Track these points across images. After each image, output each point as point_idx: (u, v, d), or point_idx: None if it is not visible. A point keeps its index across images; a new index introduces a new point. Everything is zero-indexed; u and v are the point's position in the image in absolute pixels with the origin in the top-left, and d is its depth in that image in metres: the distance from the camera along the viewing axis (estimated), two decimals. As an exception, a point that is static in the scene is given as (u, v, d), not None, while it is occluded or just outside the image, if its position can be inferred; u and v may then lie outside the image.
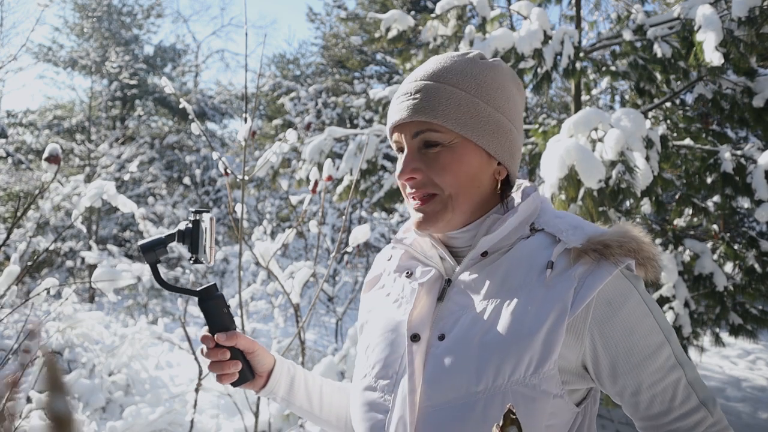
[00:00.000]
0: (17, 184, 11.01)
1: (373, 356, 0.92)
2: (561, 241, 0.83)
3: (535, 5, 3.61)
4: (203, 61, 21.74)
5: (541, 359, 0.78)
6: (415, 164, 0.87)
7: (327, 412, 1.06)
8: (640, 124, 2.70)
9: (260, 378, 1.00)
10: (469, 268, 0.89)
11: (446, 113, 0.85)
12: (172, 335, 4.30)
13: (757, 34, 2.83)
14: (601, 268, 0.79)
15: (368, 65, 16.66)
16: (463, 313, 0.85)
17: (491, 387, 0.78)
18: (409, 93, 0.88)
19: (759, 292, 3.52)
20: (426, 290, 0.90)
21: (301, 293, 3.41)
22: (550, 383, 0.78)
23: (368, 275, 1.09)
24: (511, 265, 0.85)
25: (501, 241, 0.88)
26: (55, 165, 1.70)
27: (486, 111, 0.87)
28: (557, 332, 0.78)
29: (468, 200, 0.89)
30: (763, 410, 4.68)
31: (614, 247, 0.81)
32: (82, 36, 15.51)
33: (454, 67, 0.88)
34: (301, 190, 8.18)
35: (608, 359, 0.80)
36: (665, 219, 4.00)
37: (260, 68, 2.06)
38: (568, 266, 0.81)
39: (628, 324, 0.80)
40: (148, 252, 0.94)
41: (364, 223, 8.65)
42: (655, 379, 0.80)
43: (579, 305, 0.78)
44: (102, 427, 3.33)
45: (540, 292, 0.81)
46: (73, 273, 9.94)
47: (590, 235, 0.83)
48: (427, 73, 0.89)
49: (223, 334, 0.95)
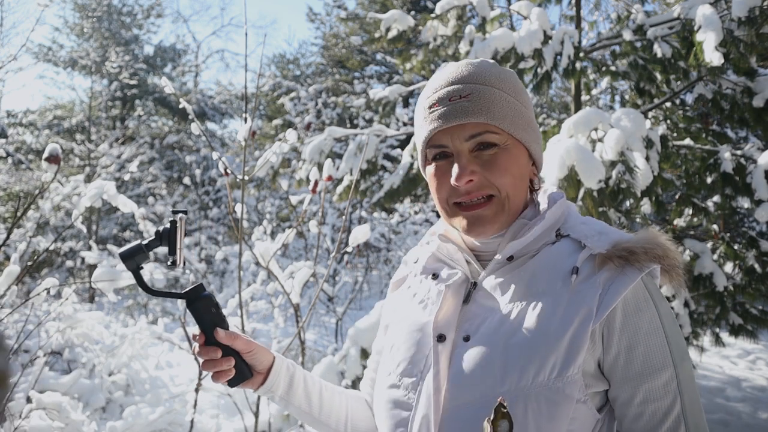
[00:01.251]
0: (17, 184, 11.01)
1: (398, 355, 0.93)
2: (586, 247, 0.84)
3: (535, 5, 3.61)
4: (203, 61, 21.74)
5: (566, 363, 0.78)
6: (472, 167, 0.86)
7: (326, 414, 1.05)
8: (640, 124, 2.70)
9: (259, 375, 0.99)
10: (494, 272, 0.90)
11: (501, 115, 0.87)
12: (172, 335, 4.30)
13: (757, 34, 2.83)
14: (625, 274, 0.80)
15: (368, 65, 16.67)
16: (488, 315, 0.86)
17: (515, 388, 0.79)
18: (457, 96, 0.87)
19: (759, 292, 3.52)
20: (452, 292, 0.91)
21: (301, 293, 3.41)
22: (573, 387, 0.78)
23: (395, 276, 1.10)
24: (537, 270, 0.86)
25: (527, 246, 0.89)
26: (55, 165, 1.70)
27: (526, 113, 0.91)
28: (582, 337, 0.78)
29: (520, 201, 0.91)
30: (763, 410, 4.68)
31: (639, 253, 0.81)
32: (82, 36, 15.51)
33: (492, 71, 0.90)
34: (301, 190, 8.18)
35: (608, 362, 0.81)
36: (665, 219, 4.00)
37: (260, 68, 2.06)
38: (593, 272, 0.82)
39: (633, 335, 0.80)
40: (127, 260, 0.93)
41: (364, 223, 8.65)
42: (648, 397, 0.80)
43: (604, 311, 0.78)
44: (102, 427, 3.33)
45: (565, 297, 0.81)
46: (73, 273, 9.94)
47: (615, 241, 0.84)
48: (469, 77, 0.88)
49: (222, 332, 0.94)
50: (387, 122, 6.58)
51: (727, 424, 4.35)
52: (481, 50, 3.41)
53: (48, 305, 5.07)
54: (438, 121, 0.87)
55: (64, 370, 4.25)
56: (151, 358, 4.60)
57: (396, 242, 9.46)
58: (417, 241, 9.55)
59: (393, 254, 9.57)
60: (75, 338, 3.90)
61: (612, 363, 0.81)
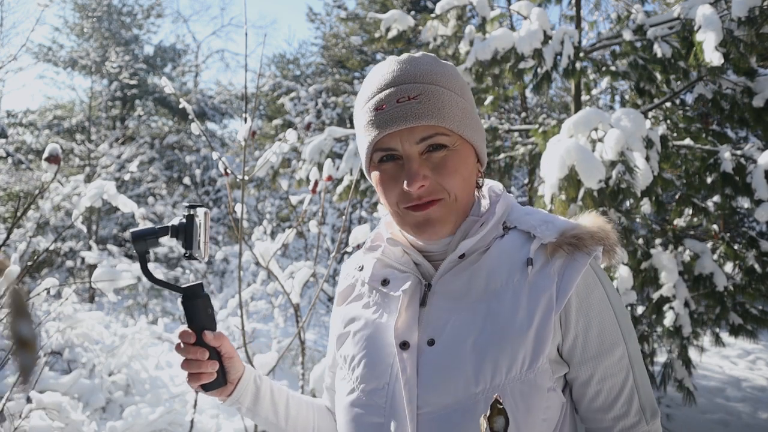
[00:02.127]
0: (17, 184, 11.01)
1: (359, 369, 0.90)
2: (536, 238, 0.86)
3: (535, 5, 3.61)
4: (203, 61, 21.75)
5: (534, 355, 0.80)
6: (424, 170, 0.84)
7: (292, 426, 1.04)
8: (640, 124, 2.70)
9: (230, 385, 0.97)
10: (448, 272, 0.89)
11: (451, 116, 0.85)
12: (172, 335, 4.30)
13: (757, 34, 2.83)
14: (576, 260, 0.83)
15: (368, 65, 16.66)
16: (450, 316, 0.85)
17: (490, 386, 0.79)
18: (405, 96, 0.83)
19: (759, 292, 3.52)
20: (408, 297, 0.89)
21: (301, 293, 3.41)
22: (544, 377, 0.80)
23: (339, 286, 1.06)
24: (492, 265, 0.86)
25: (478, 243, 0.88)
26: (55, 165, 1.70)
27: (471, 111, 0.90)
28: (547, 327, 0.80)
29: (468, 201, 0.90)
30: (763, 410, 4.67)
31: (586, 238, 0.84)
32: (82, 36, 15.51)
33: (437, 68, 0.88)
34: (301, 190, 8.18)
35: (567, 346, 0.83)
36: (665, 219, 4.00)
37: (260, 68, 2.06)
38: (546, 261, 0.84)
39: (588, 317, 0.83)
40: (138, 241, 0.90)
41: (364, 223, 8.65)
42: (605, 374, 0.83)
43: (563, 299, 0.81)
44: (102, 427, 3.33)
45: (525, 290, 0.83)
46: (73, 273, 9.94)
47: (563, 229, 0.86)
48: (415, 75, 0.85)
49: (210, 333, 0.92)
50: (387, 122, 6.56)
51: (727, 424, 4.35)
52: (481, 50, 3.41)
53: (48, 305, 5.07)
54: (386, 124, 0.84)
55: (64, 370, 4.25)
56: (151, 358, 4.60)
57: (396, 242, 9.44)
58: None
59: (393, 254, 9.55)
60: (75, 338, 3.90)
61: (571, 346, 0.83)
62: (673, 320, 3.26)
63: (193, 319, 0.93)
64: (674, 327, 3.28)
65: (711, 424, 4.35)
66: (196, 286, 0.95)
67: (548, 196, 2.54)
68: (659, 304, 3.42)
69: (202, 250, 0.93)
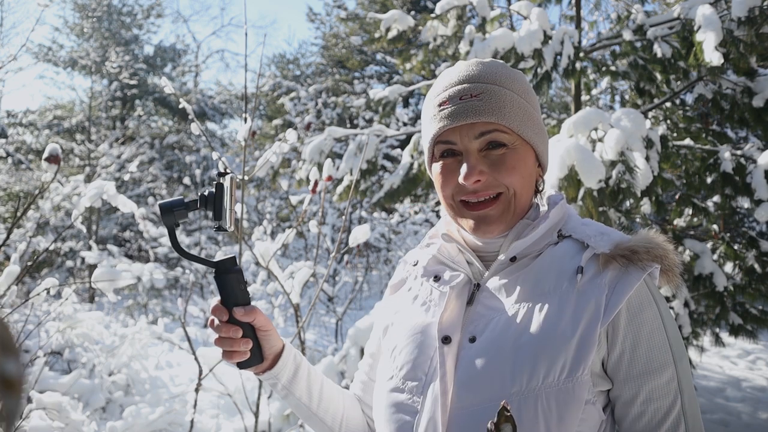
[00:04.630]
0: (17, 184, 11.01)
1: (400, 358, 0.92)
2: (590, 247, 0.85)
3: (535, 5, 3.61)
4: (203, 61, 21.74)
5: (575, 363, 0.78)
6: (481, 166, 0.87)
7: (323, 409, 1.04)
8: (640, 124, 2.70)
9: (265, 361, 0.96)
10: (498, 273, 0.90)
11: (511, 115, 0.87)
12: (172, 335, 4.30)
13: (757, 34, 2.83)
14: (629, 274, 0.81)
15: (368, 65, 16.67)
16: (494, 316, 0.86)
17: (525, 389, 0.78)
18: (468, 95, 0.87)
19: (759, 292, 3.52)
20: (456, 294, 0.91)
21: (301, 293, 3.41)
22: (582, 388, 0.78)
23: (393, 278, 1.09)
24: (542, 271, 0.86)
25: (530, 247, 0.89)
26: (55, 165, 1.70)
27: (534, 115, 0.92)
28: (591, 338, 0.78)
29: (526, 202, 0.91)
30: (763, 410, 4.68)
31: (642, 252, 0.82)
32: (82, 36, 15.51)
33: (502, 71, 0.91)
34: (301, 190, 8.18)
35: (612, 361, 0.81)
36: (665, 219, 4.00)
37: (260, 68, 2.06)
38: (597, 272, 0.83)
39: (636, 334, 0.81)
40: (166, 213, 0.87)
41: (364, 223, 8.65)
42: (651, 396, 0.80)
43: (611, 312, 0.79)
44: (102, 427, 3.33)
45: (572, 298, 0.82)
46: (73, 273, 9.94)
47: (617, 241, 0.85)
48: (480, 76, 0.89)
49: (241, 309, 0.90)
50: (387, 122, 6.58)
51: (727, 424, 4.35)
52: (481, 50, 3.41)
53: (48, 305, 5.08)
54: (448, 119, 0.88)
55: (64, 370, 4.25)
56: (151, 358, 4.60)
57: (396, 242, 9.46)
58: (417, 241, 9.55)
59: (393, 254, 9.57)
60: (75, 338, 3.90)
61: (616, 362, 0.81)
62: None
63: (225, 294, 0.90)
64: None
65: (711, 424, 4.35)
66: (228, 260, 0.92)
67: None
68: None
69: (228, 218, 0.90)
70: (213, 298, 0.93)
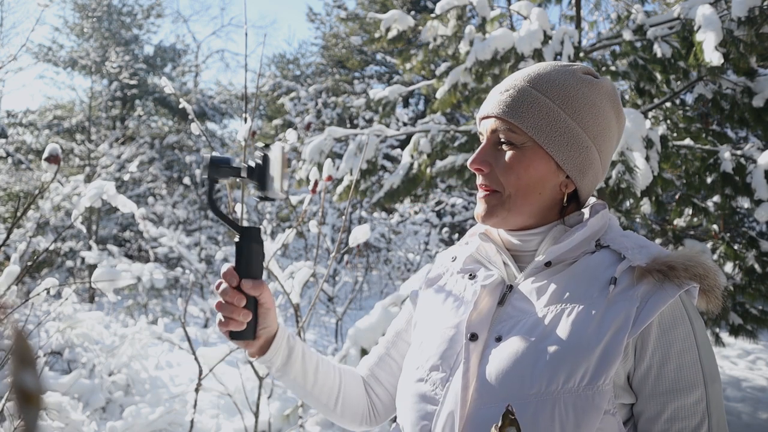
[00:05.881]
0: (17, 184, 11.01)
1: (428, 350, 0.94)
2: (626, 259, 0.84)
3: (535, 5, 3.61)
4: (203, 61, 21.73)
5: (597, 372, 0.77)
6: (485, 157, 0.92)
7: (318, 389, 1.06)
8: (640, 124, 2.70)
9: (258, 340, 0.97)
10: (531, 276, 0.91)
11: (525, 116, 0.88)
12: (172, 335, 4.30)
13: (757, 34, 2.83)
14: (664, 290, 0.79)
15: (368, 65, 16.67)
16: (522, 317, 0.87)
17: (544, 392, 0.78)
18: (502, 89, 0.92)
19: (759, 292, 3.52)
20: (488, 293, 0.92)
21: (301, 293, 3.41)
22: (603, 398, 0.77)
23: (431, 272, 1.10)
24: (575, 277, 0.86)
25: (566, 253, 0.89)
26: (55, 165, 1.70)
27: (566, 123, 0.89)
28: (616, 348, 0.78)
29: (526, 204, 0.91)
30: (763, 410, 4.68)
31: (680, 269, 0.80)
32: (82, 36, 15.51)
33: (550, 74, 0.91)
34: (301, 190, 8.18)
35: (638, 376, 0.81)
36: (665, 219, 4.00)
37: (260, 68, 2.06)
38: (631, 284, 0.81)
39: (666, 351, 0.80)
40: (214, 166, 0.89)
41: (364, 223, 8.65)
42: (676, 415, 0.79)
43: (641, 325, 0.78)
44: (102, 427, 3.33)
45: (602, 307, 0.81)
46: (73, 273, 9.94)
47: (655, 256, 0.83)
48: (525, 75, 0.93)
49: (249, 281, 0.91)
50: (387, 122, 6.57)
51: (727, 424, 4.35)
52: (481, 50, 3.41)
53: (48, 305, 5.08)
54: (484, 107, 0.94)
55: (64, 370, 4.25)
56: (151, 358, 4.60)
57: (396, 242, 9.45)
58: (417, 241, 9.53)
59: (393, 254, 9.57)
60: (75, 338, 3.90)
61: (642, 377, 0.80)
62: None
63: (241, 261, 0.90)
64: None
65: (711, 424, 4.34)
66: (254, 229, 0.92)
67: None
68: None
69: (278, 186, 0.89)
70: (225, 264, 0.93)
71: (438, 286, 1.05)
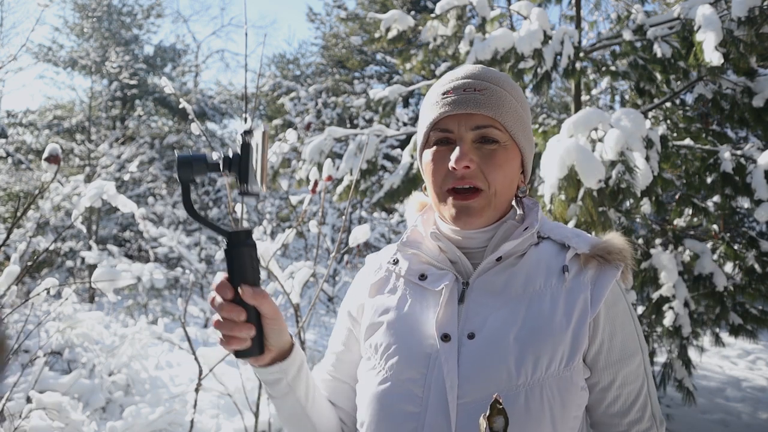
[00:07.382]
0: (17, 184, 11.01)
1: (393, 358, 0.91)
2: (571, 248, 0.93)
3: (535, 5, 3.61)
4: (203, 61, 21.72)
5: (572, 353, 0.86)
6: (472, 154, 0.91)
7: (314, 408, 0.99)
8: (640, 124, 2.70)
9: (268, 353, 0.86)
10: (486, 272, 0.94)
11: (508, 115, 0.93)
12: (172, 335, 4.30)
13: (757, 34, 2.83)
14: (606, 272, 0.90)
15: (368, 65, 16.66)
16: (489, 312, 0.90)
17: (531, 379, 0.83)
18: (472, 88, 0.92)
19: (759, 292, 3.52)
20: (447, 292, 0.93)
21: (301, 293, 3.41)
22: (579, 375, 0.87)
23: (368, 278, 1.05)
24: (530, 269, 0.92)
25: (517, 246, 0.94)
26: (55, 165, 1.70)
27: (527, 123, 0.97)
28: (582, 329, 0.87)
29: (505, 201, 0.95)
30: (763, 410, 4.67)
31: (615, 253, 0.91)
32: (82, 36, 15.51)
33: (505, 78, 0.97)
34: (301, 190, 8.18)
35: (592, 352, 0.89)
36: (665, 219, 4.00)
37: (260, 68, 2.06)
38: (579, 270, 0.91)
39: (613, 325, 0.90)
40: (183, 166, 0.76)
41: (364, 223, 8.65)
42: (625, 380, 0.90)
43: (597, 306, 0.88)
44: (102, 427, 3.33)
45: (562, 294, 0.89)
46: (73, 273, 9.94)
47: (593, 243, 0.94)
48: (485, 76, 0.95)
49: (249, 288, 0.79)
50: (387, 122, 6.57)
51: (727, 424, 4.35)
52: (481, 50, 3.41)
53: (48, 305, 5.07)
54: (449, 106, 0.92)
55: (64, 370, 4.25)
56: (151, 358, 4.60)
57: (396, 242, 9.44)
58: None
59: (393, 254, 9.54)
60: (75, 338, 3.90)
61: (596, 351, 0.89)
62: (672, 320, 3.26)
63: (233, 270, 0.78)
64: (674, 327, 3.28)
65: (711, 424, 4.34)
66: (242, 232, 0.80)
67: (548, 196, 2.54)
68: (659, 304, 3.42)
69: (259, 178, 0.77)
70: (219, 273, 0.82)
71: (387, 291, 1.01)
